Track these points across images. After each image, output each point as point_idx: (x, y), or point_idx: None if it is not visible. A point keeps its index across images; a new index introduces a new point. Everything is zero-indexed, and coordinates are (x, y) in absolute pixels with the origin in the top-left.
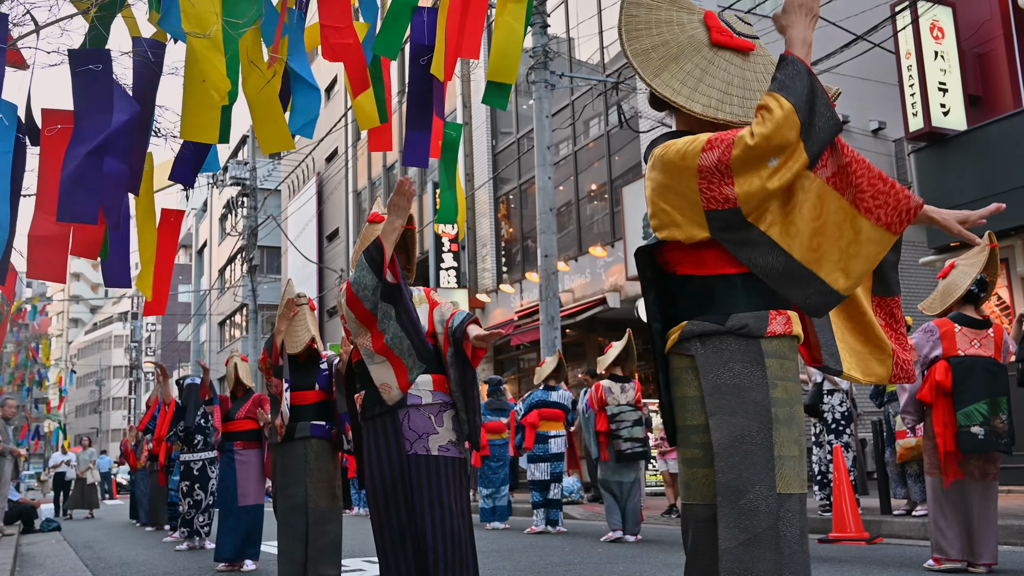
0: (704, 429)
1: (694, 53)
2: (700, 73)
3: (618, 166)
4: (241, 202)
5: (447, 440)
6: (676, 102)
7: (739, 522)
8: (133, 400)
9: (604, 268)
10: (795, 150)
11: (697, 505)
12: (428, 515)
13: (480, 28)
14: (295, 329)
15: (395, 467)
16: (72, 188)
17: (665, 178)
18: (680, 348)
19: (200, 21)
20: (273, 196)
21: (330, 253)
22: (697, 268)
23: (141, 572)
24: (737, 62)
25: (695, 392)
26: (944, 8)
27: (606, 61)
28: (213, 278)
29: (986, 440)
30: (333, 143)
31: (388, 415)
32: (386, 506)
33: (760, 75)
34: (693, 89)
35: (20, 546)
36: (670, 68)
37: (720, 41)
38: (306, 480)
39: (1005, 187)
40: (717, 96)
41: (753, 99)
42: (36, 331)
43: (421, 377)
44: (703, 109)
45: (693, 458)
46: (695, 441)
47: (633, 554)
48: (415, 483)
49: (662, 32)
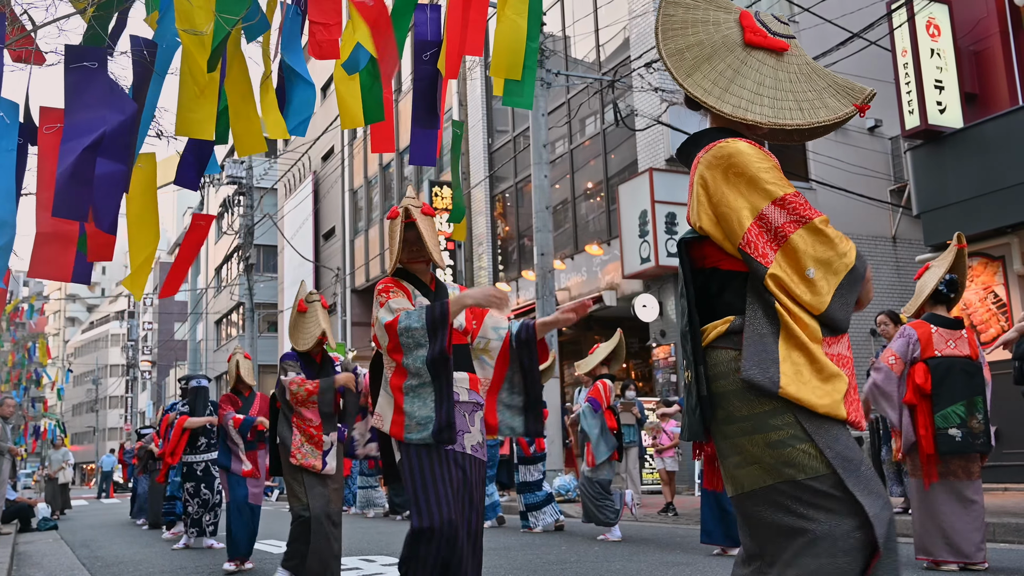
0: (777, 411)
1: (727, 53)
2: (732, 73)
3: (614, 164)
4: (237, 201)
5: (477, 440)
6: (706, 103)
7: (871, 488)
8: (130, 399)
9: (600, 266)
10: (825, 287)
11: (748, 494)
12: (463, 512)
13: (483, 24)
14: (306, 326)
15: (434, 459)
16: (66, 185)
17: (723, 188)
18: (726, 342)
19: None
20: (269, 195)
21: (326, 251)
22: (734, 264)
23: (138, 570)
24: (771, 62)
25: (741, 384)
26: (940, 5)
27: (602, 59)
28: (209, 277)
29: (963, 442)
30: (329, 142)
31: None
32: (427, 499)
33: (794, 76)
34: (724, 89)
35: (17, 545)
36: (703, 68)
37: (754, 41)
38: (328, 482)
39: (1001, 185)
40: (748, 97)
41: (785, 100)
42: (33, 330)
43: (458, 374)
44: (732, 110)
45: (783, 439)
46: (775, 423)
47: (630, 552)
48: (454, 478)
49: (697, 32)
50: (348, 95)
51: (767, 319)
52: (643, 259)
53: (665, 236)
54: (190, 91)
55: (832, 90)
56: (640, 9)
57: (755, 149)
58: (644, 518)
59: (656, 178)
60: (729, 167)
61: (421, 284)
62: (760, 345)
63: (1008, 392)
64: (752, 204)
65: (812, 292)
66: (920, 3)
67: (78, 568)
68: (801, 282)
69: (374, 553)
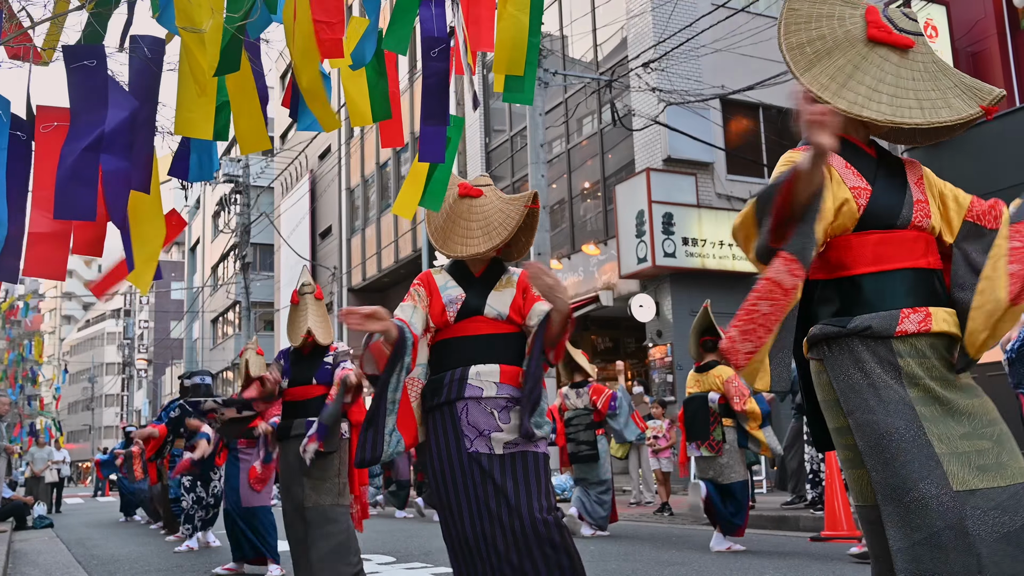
0: (847, 430)
1: (848, 48)
2: (851, 69)
3: (611, 164)
4: (234, 199)
5: (514, 438)
6: (823, 97)
7: (908, 521)
8: (126, 397)
9: (597, 266)
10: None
11: (862, 507)
12: (497, 521)
13: (492, 19)
14: (297, 320)
15: (455, 466)
16: (69, 185)
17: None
18: (813, 353)
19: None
20: (266, 193)
21: (323, 250)
22: (823, 272)
23: (134, 568)
24: (893, 59)
25: (832, 395)
26: (938, 7)
27: (599, 59)
28: (206, 275)
29: None
30: (326, 140)
31: (446, 407)
32: (451, 508)
33: (918, 73)
34: (841, 85)
35: (13, 543)
36: (822, 63)
37: (877, 37)
38: (303, 479)
39: (999, 185)
40: (864, 93)
41: (905, 98)
42: (29, 328)
43: (483, 367)
44: (847, 106)
45: (846, 459)
46: (842, 443)
47: (626, 552)
48: (479, 484)
49: (820, 27)
50: (355, 92)
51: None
52: (640, 259)
53: (662, 236)
54: (189, 89)
55: (958, 90)
56: (638, 9)
57: (792, 152)
58: (640, 518)
59: (653, 178)
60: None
61: (466, 273)
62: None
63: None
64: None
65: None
66: (918, 4)
67: (74, 566)
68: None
69: (368, 551)
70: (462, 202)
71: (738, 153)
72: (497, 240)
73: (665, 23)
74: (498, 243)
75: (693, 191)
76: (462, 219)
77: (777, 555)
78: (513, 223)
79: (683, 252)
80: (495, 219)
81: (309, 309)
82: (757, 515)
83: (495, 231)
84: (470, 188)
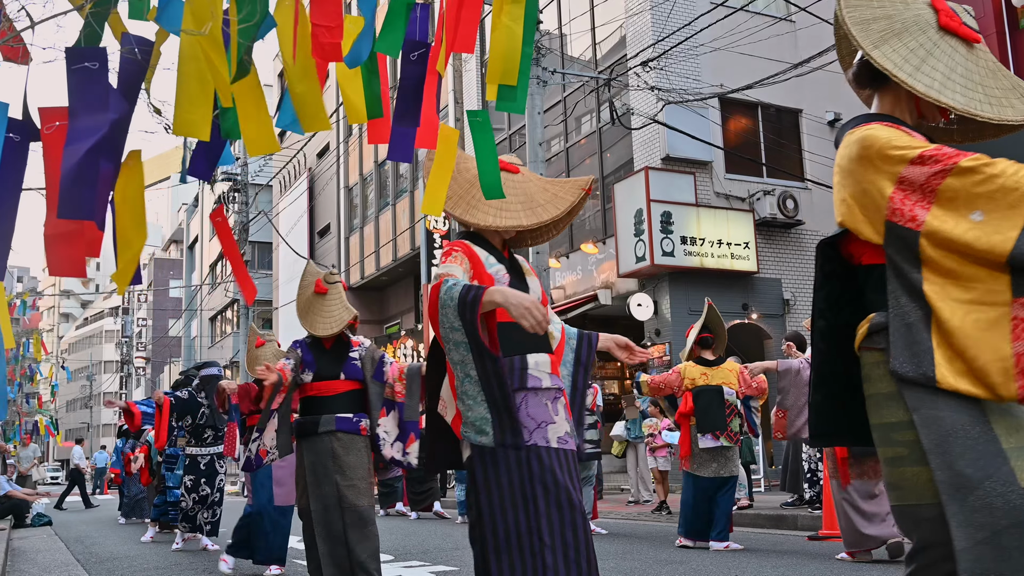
0: (907, 426)
1: (919, 32)
2: (924, 53)
3: (610, 163)
4: (232, 197)
5: (564, 431)
6: (898, 76)
7: (972, 520)
8: (124, 395)
9: (595, 265)
10: (1004, 224)
11: (917, 506)
12: (545, 515)
13: (475, 22)
14: (328, 309)
15: (511, 460)
16: (71, 185)
17: (857, 167)
18: (870, 342)
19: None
20: (264, 192)
21: (321, 249)
22: (882, 257)
23: (132, 567)
24: (962, 51)
25: (890, 388)
26: None
27: (598, 57)
28: (204, 273)
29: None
30: (324, 139)
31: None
32: (500, 504)
33: (984, 71)
34: (916, 68)
35: (11, 541)
36: (891, 42)
37: (949, 26)
38: (336, 477)
39: None
40: (940, 79)
41: (975, 92)
42: (27, 326)
43: (540, 356)
44: (925, 88)
45: (897, 457)
46: (897, 439)
47: (624, 551)
48: (535, 478)
49: (883, 6)
50: (351, 92)
51: (914, 303)
52: (638, 258)
53: (660, 235)
54: (189, 90)
55: (1017, 92)
56: (636, 7)
57: (891, 129)
58: (638, 516)
59: (652, 177)
60: (860, 147)
61: (495, 249)
62: (907, 335)
63: None
64: (890, 171)
65: (988, 232)
66: None
67: (72, 564)
68: (969, 229)
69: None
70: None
71: (737, 152)
72: (544, 217)
73: (664, 22)
74: (545, 220)
75: (692, 190)
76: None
77: (775, 554)
78: (566, 204)
79: (681, 251)
80: (539, 197)
81: (339, 299)
82: (755, 514)
83: (540, 208)
84: (506, 163)
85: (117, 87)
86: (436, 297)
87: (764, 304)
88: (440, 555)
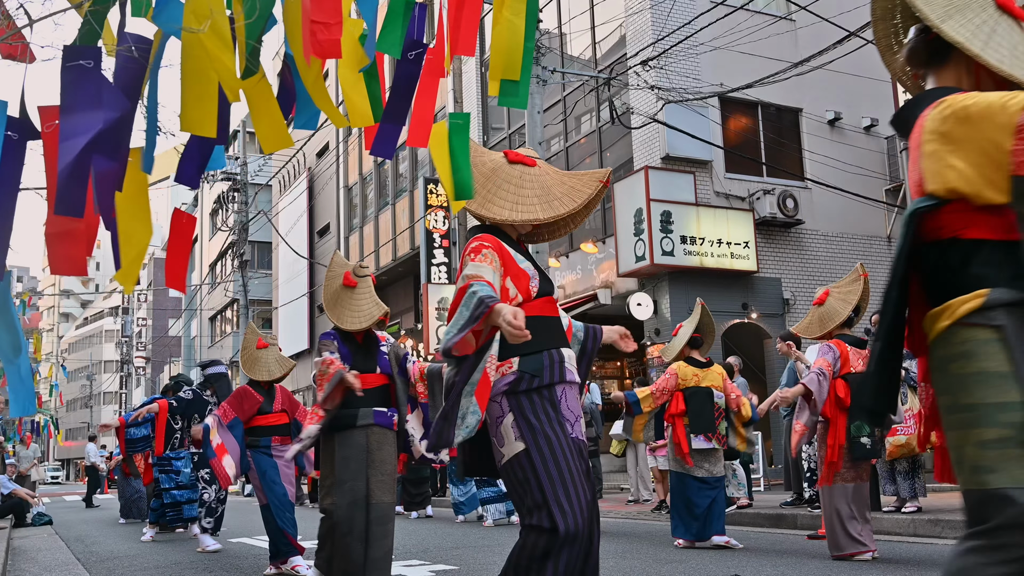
0: (1018, 406)
1: (980, 10)
2: (989, 30)
3: (610, 162)
4: (232, 197)
5: (582, 426)
6: (971, 49)
7: None
8: (124, 395)
9: (595, 264)
10: None
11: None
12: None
13: (476, 25)
14: (358, 303)
15: (564, 445)
16: (67, 182)
17: (965, 130)
18: (980, 318)
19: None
20: (264, 191)
21: (321, 248)
22: (990, 232)
23: (132, 565)
24: (1017, 31)
25: (1002, 367)
26: None
27: (598, 56)
28: (204, 273)
29: (871, 449)
30: (324, 138)
31: (545, 390)
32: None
33: None
34: (985, 43)
35: (12, 540)
36: (956, 18)
37: (1005, 5)
38: (368, 472)
39: None
40: (1007, 55)
41: None
42: (27, 325)
43: (568, 352)
44: (998, 63)
45: (1002, 439)
46: (1003, 420)
47: (623, 550)
48: (580, 470)
49: None
50: (354, 93)
51: None
52: (638, 257)
53: (660, 234)
54: (196, 89)
55: None
56: (636, 6)
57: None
58: (638, 516)
59: (652, 176)
60: (966, 109)
61: (515, 244)
62: None
63: None
64: (1005, 123)
65: None
66: None
67: (73, 563)
68: None
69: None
70: (513, 168)
71: (737, 151)
72: (561, 210)
73: (664, 21)
74: (562, 213)
75: (691, 189)
76: (511, 184)
77: (774, 553)
78: (583, 197)
79: (681, 250)
80: (555, 190)
81: (369, 293)
82: (755, 513)
83: (556, 201)
84: (522, 156)
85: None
86: (458, 303)
87: (764, 304)
88: (440, 554)
